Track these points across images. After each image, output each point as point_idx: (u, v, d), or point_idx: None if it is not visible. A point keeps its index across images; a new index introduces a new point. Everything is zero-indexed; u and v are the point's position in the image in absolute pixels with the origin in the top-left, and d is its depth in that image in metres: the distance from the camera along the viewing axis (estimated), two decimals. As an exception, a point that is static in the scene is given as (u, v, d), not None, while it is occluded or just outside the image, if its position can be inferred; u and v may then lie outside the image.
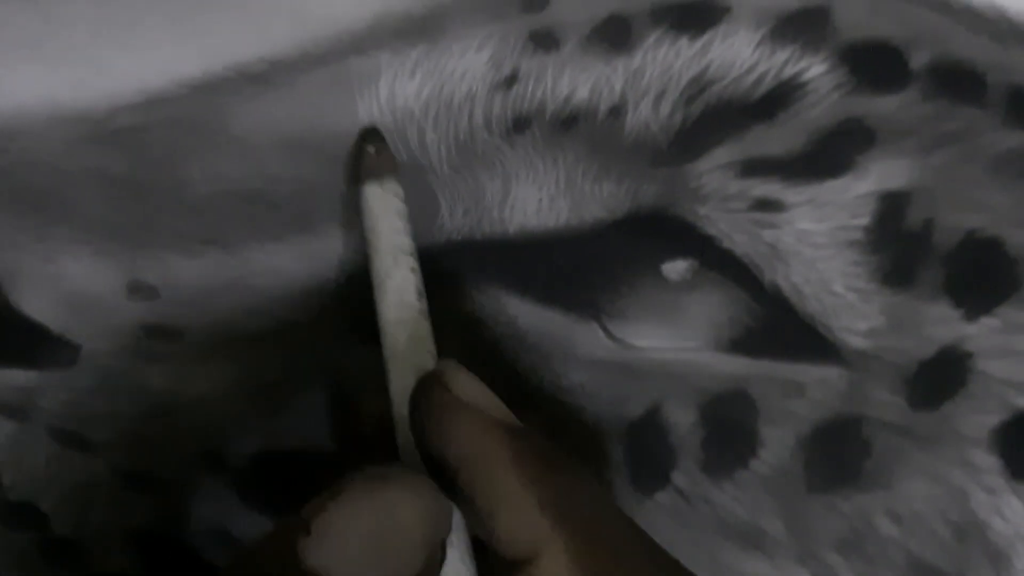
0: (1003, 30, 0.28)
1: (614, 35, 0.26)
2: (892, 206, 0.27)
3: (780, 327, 0.27)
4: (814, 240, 0.27)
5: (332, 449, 0.27)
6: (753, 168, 0.27)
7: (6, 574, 0.27)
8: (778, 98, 0.27)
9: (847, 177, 0.27)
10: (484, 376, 0.24)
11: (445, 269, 0.27)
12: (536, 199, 0.27)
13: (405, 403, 0.23)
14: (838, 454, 0.27)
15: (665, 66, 0.26)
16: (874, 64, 0.27)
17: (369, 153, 0.26)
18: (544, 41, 0.26)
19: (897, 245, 0.27)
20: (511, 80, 0.26)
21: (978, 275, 0.27)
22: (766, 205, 0.27)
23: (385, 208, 0.26)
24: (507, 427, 0.21)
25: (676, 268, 0.28)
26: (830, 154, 0.27)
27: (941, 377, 0.27)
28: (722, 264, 0.27)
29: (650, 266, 0.28)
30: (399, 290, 0.25)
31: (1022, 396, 0.27)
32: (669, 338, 0.28)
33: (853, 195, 0.27)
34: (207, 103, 0.26)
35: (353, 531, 0.19)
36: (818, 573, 0.28)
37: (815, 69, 0.27)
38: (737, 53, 0.27)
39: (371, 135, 0.26)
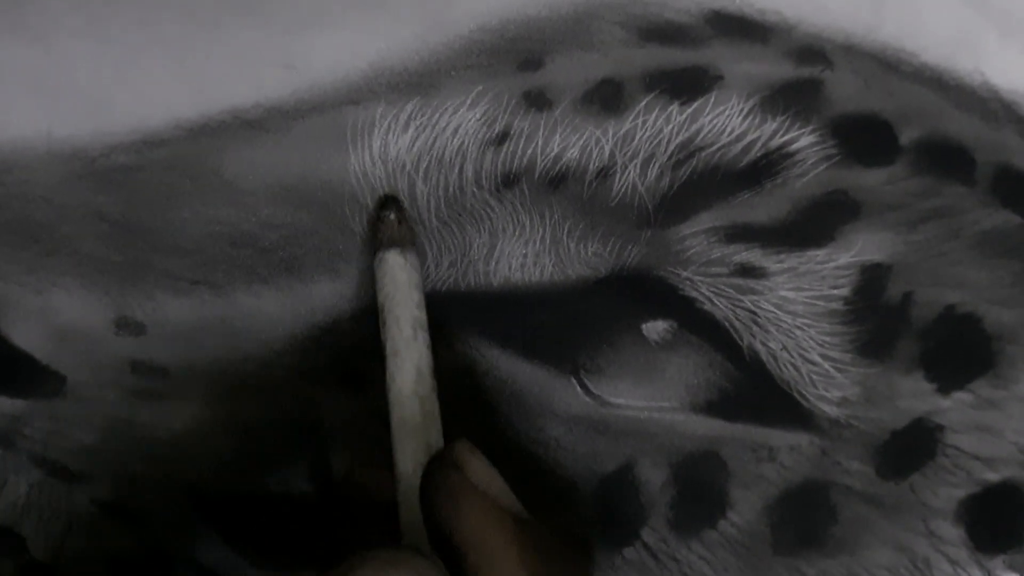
0: (994, 109, 0.28)
1: (606, 98, 0.27)
2: (872, 278, 0.27)
3: (756, 392, 0.28)
4: (793, 308, 0.27)
5: (310, 492, 0.28)
6: (737, 234, 0.27)
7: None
8: (765, 166, 0.27)
9: (829, 247, 0.27)
10: (461, 426, 0.25)
11: (428, 318, 0.28)
12: (521, 254, 0.28)
13: (413, 477, 0.23)
14: (805, 519, 0.28)
15: (655, 130, 0.27)
16: (863, 137, 0.27)
17: (391, 220, 0.26)
18: (537, 101, 0.27)
19: (875, 317, 0.27)
20: (503, 137, 0.27)
21: (954, 350, 0.27)
22: (748, 271, 0.27)
23: (408, 279, 0.26)
24: (515, 518, 0.22)
25: (656, 328, 0.28)
26: (814, 224, 0.27)
27: (911, 448, 0.28)
28: (701, 327, 0.28)
29: (630, 325, 0.28)
30: (417, 364, 0.25)
31: (990, 470, 0.27)
32: (646, 397, 0.28)
33: (834, 265, 0.27)
34: (202, 146, 0.26)
35: None
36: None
37: (804, 140, 0.27)
38: (727, 121, 0.27)
39: (390, 203, 0.27)
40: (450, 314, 0.28)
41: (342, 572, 0.20)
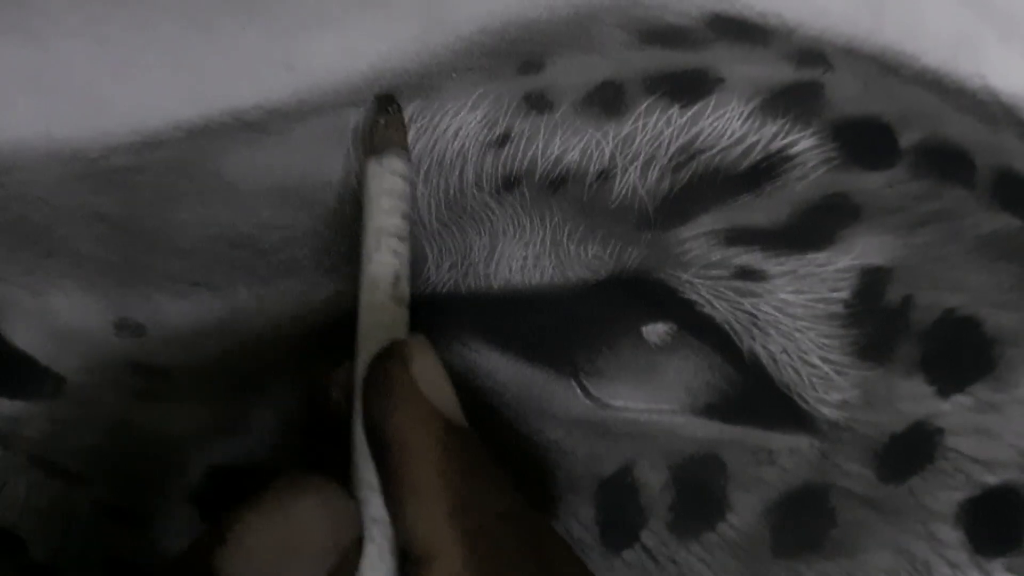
0: (994, 112, 0.28)
1: (607, 100, 0.27)
2: (872, 281, 0.27)
3: (755, 394, 0.28)
4: (793, 311, 0.27)
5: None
6: (737, 237, 0.27)
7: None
8: (765, 169, 0.27)
9: (829, 251, 0.27)
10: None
11: (428, 321, 0.28)
12: (522, 257, 0.28)
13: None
14: (804, 522, 0.28)
15: (655, 133, 0.27)
16: (864, 140, 0.27)
17: (378, 125, 0.26)
18: (538, 103, 0.27)
19: (875, 320, 0.27)
20: (503, 140, 0.27)
21: (954, 353, 0.27)
22: (748, 274, 0.27)
23: (378, 187, 0.25)
24: (446, 422, 0.22)
25: (656, 331, 0.28)
26: (814, 227, 0.27)
27: (910, 451, 0.28)
28: (701, 330, 0.28)
29: (630, 328, 0.28)
30: (374, 274, 0.24)
31: (990, 473, 0.28)
32: (645, 399, 0.28)
33: (834, 268, 0.27)
34: (202, 147, 0.26)
35: (264, 539, 0.20)
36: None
37: (804, 143, 0.27)
38: (727, 123, 0.27)
39: (386, 101, 0.26)
40: (450, 316, 0.28)
41: (248, 503, 0.20)
